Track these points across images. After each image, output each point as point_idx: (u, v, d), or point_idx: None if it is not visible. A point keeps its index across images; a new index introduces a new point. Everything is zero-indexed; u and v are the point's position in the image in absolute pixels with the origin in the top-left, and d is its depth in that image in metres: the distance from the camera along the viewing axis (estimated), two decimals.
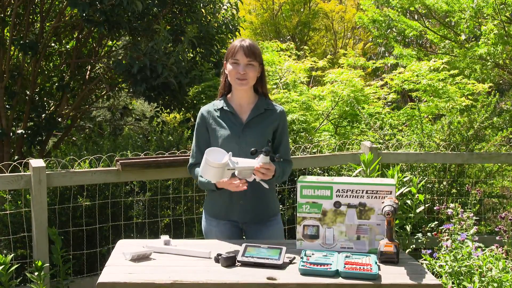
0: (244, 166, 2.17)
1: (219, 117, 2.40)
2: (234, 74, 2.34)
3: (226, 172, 2.14)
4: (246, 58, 2.31)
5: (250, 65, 2.33)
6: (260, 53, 2.39)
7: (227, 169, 2.13)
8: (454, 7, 6.74)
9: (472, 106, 5.57)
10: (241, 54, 2.31)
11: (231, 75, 2.35)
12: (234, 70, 2.33)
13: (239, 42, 2.35)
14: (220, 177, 2.14)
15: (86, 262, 3.53)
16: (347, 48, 9.49)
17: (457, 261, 2.76)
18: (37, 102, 6.37)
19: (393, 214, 2.02)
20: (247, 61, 2.32)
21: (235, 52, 2.32)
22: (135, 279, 1.85)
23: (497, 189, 5.44)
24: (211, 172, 2.11)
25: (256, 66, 2.36)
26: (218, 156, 2.15)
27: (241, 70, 2.32)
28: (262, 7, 15.40)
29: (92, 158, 3.53)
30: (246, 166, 2.17)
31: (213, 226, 2.46)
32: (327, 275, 1.90)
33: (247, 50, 2.31)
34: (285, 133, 2.47)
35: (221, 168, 2.11)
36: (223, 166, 2.11)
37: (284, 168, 2.40)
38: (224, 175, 2.15)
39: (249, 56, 2.31)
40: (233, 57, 2.33)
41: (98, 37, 6.68)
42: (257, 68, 2.37)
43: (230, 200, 2.39)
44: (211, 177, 2.14)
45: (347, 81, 5.99)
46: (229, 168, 2.13)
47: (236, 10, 6.61)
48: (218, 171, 2.11)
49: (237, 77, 2.33)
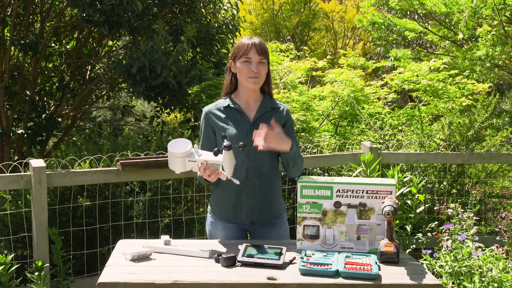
0: (207, 159, 2.12)
1: (225, 115, 2.37)
2: (246, 72, 2.29)
3: (188, 163, 2.11)
4: (258, 56, 2.28)
5: (262, 63, 2.30)
6: (268, 52, 2.36)
7: (188, 160, 2.10)
8: (453, 9, 6.74)
9: (472, 106, 5.57)
10: (254, 52, 2.27)
11: (242, 73, 2.31)
12: (246, 68, 2.29)
13: (249, 40, 2.31)
14: (183, 167, 2.11)
15: (87, 262, 3.53)
16: (347, 48, 9.49)
17: (457, 261, 2.76)
18: (37, 102, 6.37)
19: (393, 214, 2.02)
20: (259, 59, 2.29)
21: (247, 50, 2.28)
22: (135, 279, 1.85)
23: (497, 189, 5.44)
24: (173, 162, 2.11)
25: (266, 64, 2.33)
26: (182, 146, 2.12)
27: (255, 68, 2.28)
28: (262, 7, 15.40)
29: (92, 158, 3.53)
30: (209, 159, 2.12)
31: (219, 229, 2.42)
32: (327, 275, 1.90)
33: (259, 48, 2.28)
34: (292, 128, 2.45)
35: (181, 158, 2.08)
36: (182, 156, 2.08)
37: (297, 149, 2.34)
38: (186, 166, 2.12)
39: (261, 54, 2.28)
40: (246, 55, 2.28)
41: (98, 37, 6.68)
42: (267, 67, 2.34)
43: (237, 200, 2.36)
44: (174, 167, 2.12)
45: (347, 81, 5.99)
46: (190, 160, 2.10)
47: (236, 10, 6.62)
48: (180, 161, 2.09)
49: (250, 75, 2.29)
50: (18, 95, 6.05)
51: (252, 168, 2.33)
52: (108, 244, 3.58)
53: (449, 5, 6.68)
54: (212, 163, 2.13)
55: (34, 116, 6.20)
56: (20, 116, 6.48)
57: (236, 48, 2.35)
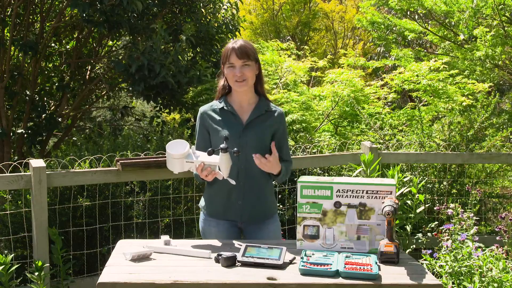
0: (204, 160, 2.18)
1: (220, 117, 2.40)
2: (231, 77, 2.35)
3: (185, 164, 2.17)
4: (240, 60, 2.32)
5: (246, 65, 2.33)
6: (254, 51, 2.38)
7: (185, 161, 2.16)
8: (453, 8, 6.73)
9: (472, 106, 5.57)
10: (234, 57, 2.32)
11: (229, 78, 2.37)
12: (230, 73, 2.34)
13: (231, 44, 2.35)
14: (181, 168, 2.17)
15: (86, 262, 3.53)
16: (347, 48, 9.49)
17: (457, 261, 2.76)
18: (37, 102, 6.37)
19: (393, 214, 2.02)
20: (241, 62, 2.32)
21: (229, 55, 2.33)
22: (135, 279, 1.85)
23: (497, 189, 5.44)
24: (171, 162, 2.16)
25: (252, 65, 2.35)
26: (180, 147, 2.16)
27: (238, 72, 2.32)
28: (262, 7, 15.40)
29: (92, 158, 3.53)
30: (206, 161, 2.18)
31: (212, 226, 2.46)
32: (327, 275, 1.90)
33: (239, 52, 2.31)
34: (285, 134, 2.50)
35: (179, 159, 2.14)
36: (180, 157, 2.14)
37: (287, 167, 2.45)
38: (184, 167, 2.17)
39: (242, 57, 2.32)
40: (228, 61, 2.34)
41: (98, 37, 6.68)
42: (253, 67, 2.37)
43: (228, 199, 2.40)
44: (172, 167, 2.18)
45: (347, 81, 5.99)
46: (187, 161, 2.16)
47: (236, 10, 6.62)
48: (178, 162, 2.15)
49: (235, 79, 2.34)
50: (18, 95, 6.05)
51: (243, 170, 2.37)
52: (108, 244, 3.58)
53: (450, 4, 6.68)
54: (209, 164, 2.18)
55: (34, 116, 6.20)
56: (20, 116, 6.48)
57: (222, 53, 2.40)
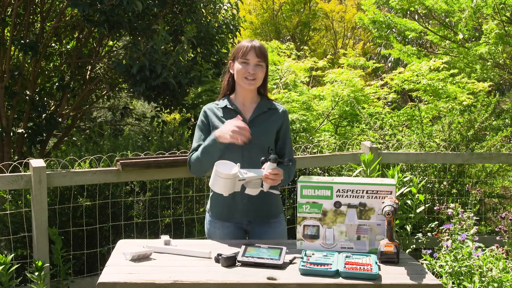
0: (252, 175, 2.20)
1: (223, 115, 2.41)
2: (243, 73, 2.35)
3: (238, 183, 2.18)
4: (256, 59, 2.34)
5: (259, 65, 2.36)
6: (267, 55, 2.42)
7: (238, 180, 2.17)
8: (453, 7, 6.74)
9: (473, 105, 5.57)
10: (253, 55, 2.33)
11: (239, 74, 2.36)
12: (243, 69, 2.34)
13: (249, 42, 2.37)
14: (231, 188, 2.17)
15: (86, 262, 3.53)
16: (347, 48, 9.49)
17: (457, 261, 2.76)
18: (37, 102, 6.36)
19: (393, 214, 2.02)
20: (257, 61, 2.34)
21: (246, 52, 2.34)
22: (135, 279, 1.85)
23: (498, 189, 5.44)
24: (221, 183, 2.15)
25: (264, 67, 2.39)
26: (227, 168, 2.17)
27: (251, 69, 2.34)
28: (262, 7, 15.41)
29: (92, 158, 3.53)
30: (254, 175, 2.21)
31: (217, 228, 2.46)
32: (327, 275, 1.90)
33: (259, 51, 2.34)
34: (288, 132, 2.50)
35: (231, 179, 2.14)
36: (233, 177, 2.14)
37: (289, 169, 2.43)
38: (235, 187, 2.18)
39: (259, 57, 2.34)
40: (244, 56, 2.34)
41: (99, 37, 6.68)
42: (264, 70, 2.40)
43: (233, 199, 2.39)
44: (221, 188, 2.17)
45: (347, 81, 5.99)
46: (240, 179, 2.17)
47: (237, 10, 6.62)
48: (228, 182, 2.14)
49: (246, 76, 2.35)
50: (18, 95, 6.05)
51: (247, 168, 2.35)
52: (108, 244, 3.58)
53: (450, 3, 6.69)
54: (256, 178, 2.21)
55: (34, 116, 6.19)
56: (20, 116, 6.48)
57: (236, 49, 2.41)
